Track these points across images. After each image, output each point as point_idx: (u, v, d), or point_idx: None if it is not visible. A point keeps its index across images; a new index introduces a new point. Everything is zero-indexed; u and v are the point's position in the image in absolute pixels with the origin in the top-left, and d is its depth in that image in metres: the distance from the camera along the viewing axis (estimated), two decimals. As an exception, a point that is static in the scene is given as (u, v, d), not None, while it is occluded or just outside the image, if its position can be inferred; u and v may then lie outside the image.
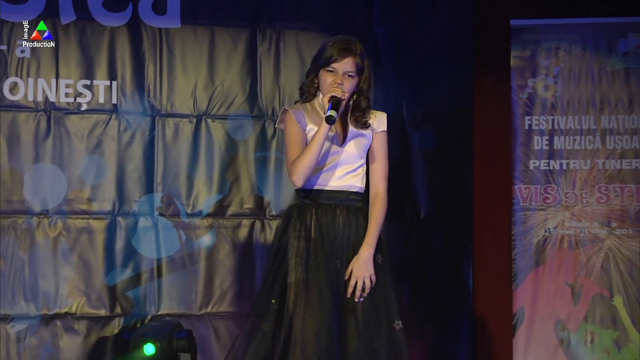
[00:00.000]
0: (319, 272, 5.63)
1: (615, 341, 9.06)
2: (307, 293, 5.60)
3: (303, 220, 5.74)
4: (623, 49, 9.17)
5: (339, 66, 5.76)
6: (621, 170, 9.14)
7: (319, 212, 5.74)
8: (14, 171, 8.65)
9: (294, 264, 5.66)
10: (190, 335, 8.65)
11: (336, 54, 5.77)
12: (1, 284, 8.57)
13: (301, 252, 5.66)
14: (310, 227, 5.71)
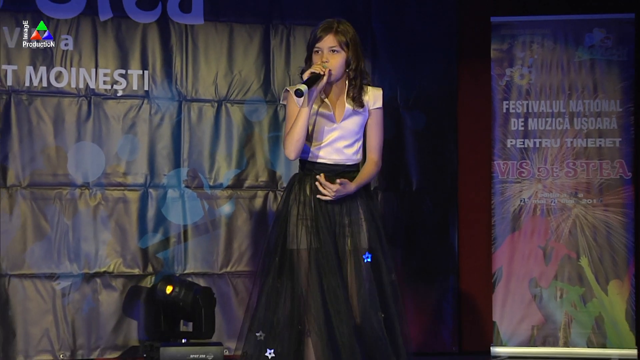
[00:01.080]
0: (318, 238, 5.47)
1: (581, 296, 9.09)
2: (309, 258, 5.44)
3: (303, 190, 5.59)
4: (589, 42, 9.17)
5: (322, 44, 5.59)
6: (587, 148, 9.16)
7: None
8: (59, 149, 8.68)
9: (295, 230, 5.50)
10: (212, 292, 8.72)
11: (318, 34, 5.61)
12: (48, 246, 8.61)
13: (301, 219, 5.50)
14: (309, 195, 5.55)
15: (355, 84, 5.66)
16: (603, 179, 9.15)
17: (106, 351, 8.72)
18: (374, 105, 5.67)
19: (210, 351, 8.56)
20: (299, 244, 5.48)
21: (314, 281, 5.40)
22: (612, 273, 9.08)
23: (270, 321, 5.49)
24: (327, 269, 5.43)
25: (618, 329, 9.04)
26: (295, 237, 5.49)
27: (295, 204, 5.54)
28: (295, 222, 5.51)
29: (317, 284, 5.40)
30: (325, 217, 5.49)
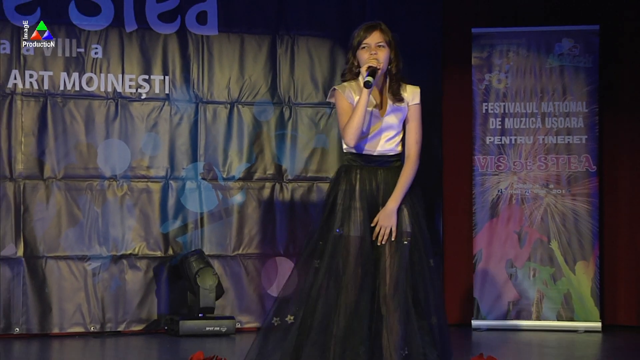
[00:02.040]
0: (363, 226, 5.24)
1: (552, 275, 9.12)
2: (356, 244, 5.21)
3: (349, 179, 5.32)
4: (558, 50, 9.17)
5: (369, 40, 5.32)
6: (557, 144, 9.16)
7: (363, 172, 5.33)
8: (90, 145, 8.73)
9: (340, 217, 5.27)
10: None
11: (364, 32, 5.35)
12: (81, 231, 8.67)
13: (346, 208, 5.27)
14: (355, 185, 5.30)
15: (396, 80, 5.41)
16: (571, 171, 9.16)
17: (131, 324, 8.77)
18: (412, 102, 5.41)
19: (224, 324, 8.65)
20: (345, 230, 5.26)
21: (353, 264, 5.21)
22: (579, 255, 9.11)
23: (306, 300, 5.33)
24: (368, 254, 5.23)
25: (584, 304, 9.07)
26: (341, 223, 5.27)
27: (341, 193, 5.32)
28: (341, 210, 5.29)
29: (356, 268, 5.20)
30: (371, 206, 5.30)
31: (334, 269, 5.24)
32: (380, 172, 5.35)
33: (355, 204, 5.26)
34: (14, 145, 8.56)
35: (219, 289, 8.68)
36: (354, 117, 5.23)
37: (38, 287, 8.56)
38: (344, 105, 5.32)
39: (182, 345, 8.16)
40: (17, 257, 8.51)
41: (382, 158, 5.36)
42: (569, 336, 8.86)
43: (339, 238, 5.24)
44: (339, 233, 5.25)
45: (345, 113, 5.30)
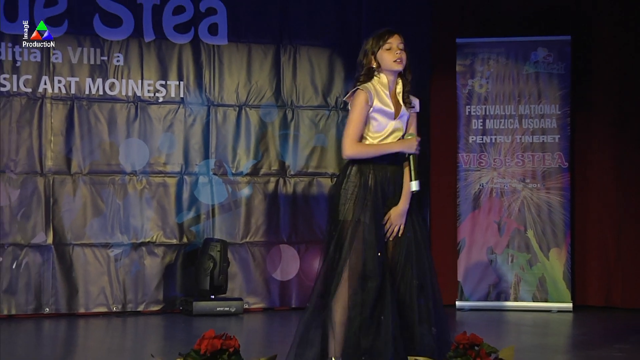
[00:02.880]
0: (376, 216, 5.18)
1: (528, 261, 9.14)
2: (362, 231, 5.14)
3: (363, 174, 5.19)
4: (534, 58, 9.18)
5: (393, 41, 5.24)
6: (532, 143, 9.17)
7: (376, 169, 5.20)
8: (112, 144, 8.74)
9: (353, 206, 5.16)
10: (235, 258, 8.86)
11: (387, 34, 5.26)
12: (104, 221, 8.68)
13: (359, 198, 5.16)
14: (368, 179, 5.18)
15: (409, 84, 5.32)
16: (545, 167, 9.17)
17: (150, 305, 8.79)
18: (415, 109, 5.36)
19: (233, 305, 8.68)
20: (349, 215, 5.17)
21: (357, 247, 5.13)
22: (552, 242, 9.13)
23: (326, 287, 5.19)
24: (372, 239, 5.14)
25: (557, 287, 9.09)
26: (349, 211, 5.17)
27: (354, 186, 5.20)
28: (353, 200, 5.18)
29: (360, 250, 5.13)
30: (380, 199, 5.20)
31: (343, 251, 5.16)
32: (390, 170, 5.27)
33: (369, 196, 5.18)
34: (44, 144, 8.57)
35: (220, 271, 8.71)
36: (371, 151, 5.20)
37: (66, 272, 8.59)
38: (360, 113, 5.20)
39: (195, 323, 8.18)
40: (47, 245, 8.53)
41: (392, 157, 5.27)
42: (543, 315, 8.88)
43: (355, 225, 5.16)
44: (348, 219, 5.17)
45: (358, 122, 5.19)
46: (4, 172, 8.48)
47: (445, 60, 9.46)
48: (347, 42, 9.28)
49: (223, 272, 8.67)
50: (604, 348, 7.06)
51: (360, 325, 5.06)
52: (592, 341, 7.57)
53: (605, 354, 6.78)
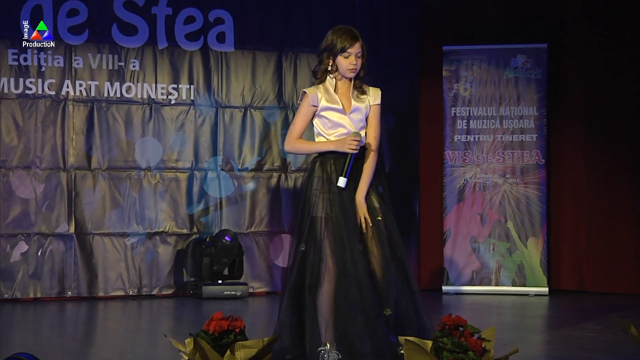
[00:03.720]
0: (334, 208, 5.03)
1: (508, 249, 9.13)
2: (331, 224, 5.01)
3: (325, 169, 5.06)
4: (514, 64, 9.17)
5: (352, 50, 5.01)
6: (512, 141, 9.16)
7: (336, 162, 5.03)
8: (129, 142, 8.75)
9: (320, 201, 5.03)
10: (242, 245, 8.74)
11: (348, 42, 5.02)
12: (122, 213, 8.69)
13: (324, 193, 5.03)
14: (330, 174, 5.04)
15: (360, 83, 5.12)
16: (524, 164, 9.17)
17: (163, 289, 8.80)
18: (374, 102, 5.14)
19: (239, 289, 8.68)
20: (318, 212, 5.05)
21: (330, 242, 5.01)
22: (530, 232, 9.13)
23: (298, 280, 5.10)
24: (340, 232, 5.01)
25: (534, 273, 9.10)
26: (316, 206, 5.06)
27: (318, 180, 5.08)
28: (317, 195, 5.07)
29: (333, 244, 5.00)
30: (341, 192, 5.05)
31: (315, 247, 5.06)
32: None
33: (332, 189, 5.06)
34: (66, 142, 8.57)
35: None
36: (306, 148, 5.15)
37: (86, 259, 8.60)
38: (303, 110, 5.10)
39: (205, 306, 8.20)
40: (69, 234, 8.55)
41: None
42: (521, 299, 8.89)
43: (316, 220, 5.05)
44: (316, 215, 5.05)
45: (300, 119, 5.11)
46: (30, 167, 8.48)
47: (432, 66, 9.44)
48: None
49: (239, 259, 8.71)
50: (576, 328, 7.06)
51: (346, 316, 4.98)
52: (566, 322, 7.57)
53: (578, 334, 6.78)
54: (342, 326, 4.98)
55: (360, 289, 4.98)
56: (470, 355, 4.20)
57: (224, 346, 4.21)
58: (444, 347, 4.23)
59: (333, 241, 5.03)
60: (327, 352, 4.99)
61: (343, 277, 4.99)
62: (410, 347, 4.30)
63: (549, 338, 6.94)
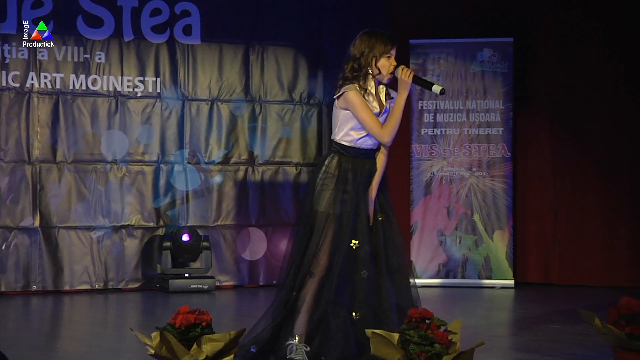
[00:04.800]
0: (352, 206, 5.07)
1: (474, 242, 9.18)
2: (335, 222, 5.04)
3: (341, 167, 5.08)
4: (480, 58, 9.20)
5: (393, 52, 5.13)
6: (478, 135, 9.20)
7: (355, 162, 5.10)
8: (94, 135, 8.70)
9: (329, 197, 5.06)
10: (209, 239, 8.81)
11: (391, 45, 5.12)
12: (87, 206, 8.64)
13: (336, 191, 5.06)
14: (347, 172, 5.08)
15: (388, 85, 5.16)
16: (490, 157, 9.20)
17: (129, 282, 8.77)
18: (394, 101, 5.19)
19: (206, 282, 8.67)
20: (326, 207, 5.07)
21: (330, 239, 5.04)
22: (496, 225, 9.17)
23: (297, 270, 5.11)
24: (345, 231, 5.05)
25: (500, 266, 9.15)
26: (324, 201, 5.07)
27: (330, 176, 5.10)
28: (329, 191, 5.08)
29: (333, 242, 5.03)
30: (359, 192, 5.09)
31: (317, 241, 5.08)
32: (367, 162, 5.16)
33: (347, 188, 5.09)
34: (31, 135, 8.52)
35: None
36: (397, 121, 5.04)
37: (52, 252, 8.55)
38: (369, 109, 5.04)
39: (171, 299, 8.18)
40: (34, 227, 8.49)
41: (370, 151, 5.16)
42: (488, 291, 8.95)
43: (328, 217, 5.07)
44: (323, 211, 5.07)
45: (372, 115, 5.03)
46: (-6, 160, 8.43)
47: (399, 60, 9.19)
48: (310, 42, 9.32)
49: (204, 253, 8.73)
50: (542, 320, 7.13)
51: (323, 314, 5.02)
52: (531, 314, 7.63)
53: (543, 326, 6.84)
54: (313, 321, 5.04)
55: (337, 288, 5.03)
56: (436, 348, 4.22)
57: (190, 340, 4.20)
58: (410, 340, 4.25)
59: (334, 238, 5.05)
60: (295, 345, 5.02)
61: (328, 274, 5.03)
62: (378, 340, 4.32)
63: (514, 330, 6.99)
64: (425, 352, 4.21)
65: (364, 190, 5.13)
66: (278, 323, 5.12)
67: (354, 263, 5.08)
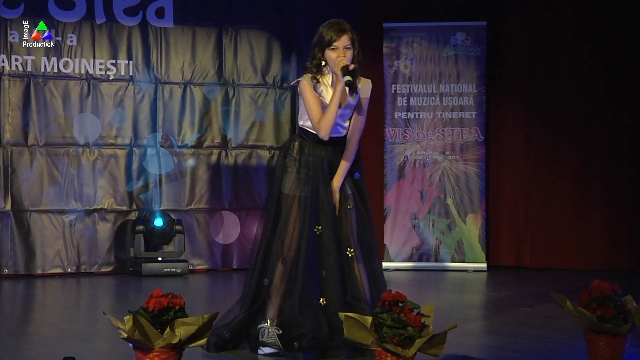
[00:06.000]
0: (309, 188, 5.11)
1: (447, 226, 9.21)
2: (301, 205, 5.08)
3: (302, 151, 5.12)
4: (453, 42, 9.22)
5: (339, 43, 5.00)
6: (452, 118, 9.23)
7: (316, 147, 5.13)
8: (67, 118, 8.66)
9: (294, 180, 5.11)
10: (182, 223, 8.81)
11: (335, 35, 5.03)
12: (59, 190, 8.61)
13: (300, 174, 5.11)
14: (308, 157, 5.12)
15: (355, 74, 5.06)
16: (463, 141, 9.24)
17: (102, 266, 8.74)
18: (364, 94, 5.13)
19: (179, 266, 8.67)
20: (291, 190, 5.12)
21: (296, 221, 5.09)
22: (469, 209, 9.21)
23: (265, 255, 5.17)
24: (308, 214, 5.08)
25: (473, 249, 9.19)
26: (289, 184, 5.12)
27: (293, 160, 5.14)
28: (292, 174, 5.13)
29: (299, 224, 5.08)
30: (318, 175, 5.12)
31: (283, 225, 5.13)
32: (330, 149, 5.15)
33: (309, 172, 5.12)
34: (2, 118, 8.46)
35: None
36: (329, 116, 4.99)
37: (24, 236, 8.51)
38: (314, 100, 5.05)
39: (144, 283, 8.17)
40: (6, 211, 8.45)
41: (333, 139, 5.14)
42: (461, 275, 8.98)
43: (293, 199, 5.11)
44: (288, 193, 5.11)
45: (316, 106, 5.04)
46: (-36, 144, 8.36)
47: (373, 43, 9.43)
48: (284, 26, 9.29)
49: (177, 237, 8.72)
50: (514, 303, 7.18)
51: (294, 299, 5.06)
52: (503, 297, 7.68)
53: (515, 309, 6.89)
54: (284, 306, 5.08)
55: (305, 272, 5.07)
56: (409, 331, 4.24)
57: (163, 323, 4.20)
58: (383, 323, 4.27)
59: (301, 222, 5.09)
60: (267, 329, 5.05)
61: (296, 258, 5.07)
62: (351, 324, 4.33)
63: (487, 313, 7.05)
64: (398, 335, 4.23)
65: (325, 177, 5.14)
66: (250, 307, 5.16)
67: (319, 248, 5.11)
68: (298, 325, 5.03)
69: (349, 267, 5.13)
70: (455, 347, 5.13)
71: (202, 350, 5.07)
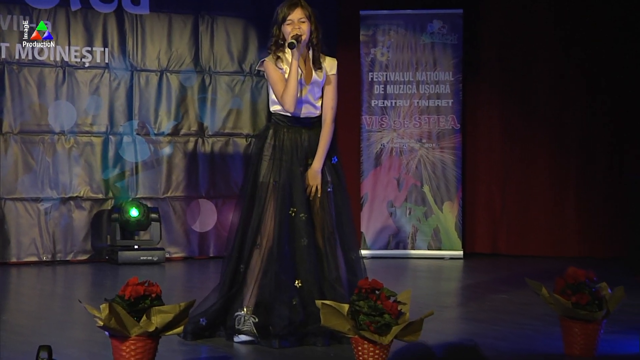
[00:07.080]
0: (287, 175, 5.12)
1: (424, 213, 9.24)
2: (276, 191, 5.10)
3: (277, 136, 5.14)
4: (430, 30, 9.23)
5: (292, 17, 5.08)
6: (428, 106, 9.25)
7: (290, 131, 5.15)
8: (42, 105, 8.62)
9: (270, 167, 5.13)
10: (158, 211, 8.81)
11: (288, 9, 5.12)
12: (35, 177, 8.57)
13: (275, 160, 5.12)
14: (283, 141, 5.14)
15: (317, 50, 5.16)
16: (440, 129, 9.25)
17: (78, 254, 8.72)
18: (330, 72, 5.20)
19: (156, 254, 8.65)
20: (267, 177, 5.13)
21: (273, 208, 5.09)
22: (445, 196, 9.24)
23: (242, 242, 5.18)
24: (284, 200, 5.09)
25: (449, 237, 9.23)
26: (265, 172, 5.14)
27: (270, 147, 5.15)
28: (267, 160, 5.14)
29: (276, 211, 5.08)
30: (294, 160, 5.15)
31: (258, 212, 5.13)
32: (304, 132, 5.18)
33: (284, 157, 5.14)
34: (-24, 105, 8.42)
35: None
36: (290, 86, 5.04)
37: (-2, 224, 8.47)
38: (276, 75, 5.13)
39: (121, 271, 8.15)
40: (-19, 199, 8.42)
41: (306, 120, 5.17)
42: (437, 262, 9.02)
43: (263, 185, 5.13)
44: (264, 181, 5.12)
45: (280, 81, 5.10)
46: (-62, 131, 8.30)
47: (350, 31, 9.45)
48: (261, 14, 9.23)
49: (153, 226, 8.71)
50: (490, 290, 7.21)
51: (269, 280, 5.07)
52: (480, 284, 7.71)
53: (492, 295, 6.92)
54: (260, 288, 5.08)
55: (280, 255, 5.07)
56: (386, 318, 4.25)
57: (140, 311, 4.19)
58: (360, 311, 4.28)
59: (276, 208, 5.10)
60: (243, 316, 5.05)
61: (272, 242, 5.08)
62: (328, 311, 4.34)
63: (463, 301, 7.07)
64: (375, 322, 4.25)
65: (300, 160, 5.16)
66: (227, 295, 5.16)
67: (293, 231, 5.12)
68: (274, 311, 5.03)
69: (326, 249, 5.14)
70: (431, 334, 5.15)
71: (179, 338, 5.06)
